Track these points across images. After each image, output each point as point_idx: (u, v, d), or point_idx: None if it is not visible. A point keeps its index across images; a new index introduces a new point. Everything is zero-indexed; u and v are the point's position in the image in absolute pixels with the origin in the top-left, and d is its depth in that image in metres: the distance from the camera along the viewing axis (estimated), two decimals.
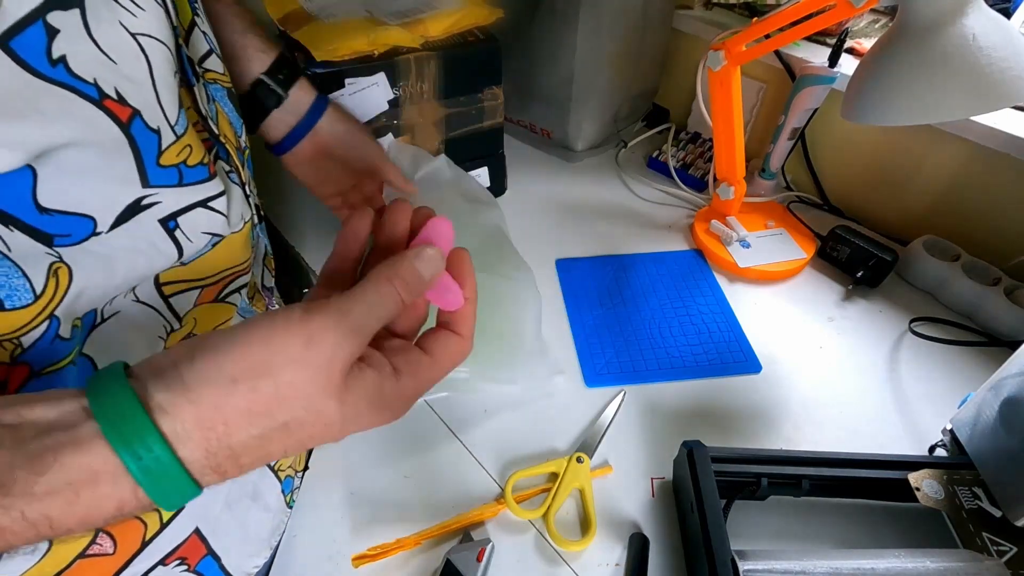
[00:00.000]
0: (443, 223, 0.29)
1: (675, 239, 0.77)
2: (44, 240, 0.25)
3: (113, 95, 0.25)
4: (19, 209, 0.24)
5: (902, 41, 0.43)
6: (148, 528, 0.33)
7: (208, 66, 0.38)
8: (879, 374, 0.60)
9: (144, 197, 0.29)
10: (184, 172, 0.31)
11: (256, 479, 0.41)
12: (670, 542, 0.47)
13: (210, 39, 0.37)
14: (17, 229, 0.24)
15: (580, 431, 0.55)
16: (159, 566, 0.34)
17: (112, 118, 0.25)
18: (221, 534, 0.38)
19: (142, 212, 0.29)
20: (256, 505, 0.41)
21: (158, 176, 0.29)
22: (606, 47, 0.79)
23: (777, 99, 0.81)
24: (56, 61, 0.23)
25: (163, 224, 0.30)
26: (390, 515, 0.49)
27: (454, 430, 0.55)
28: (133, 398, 0.20)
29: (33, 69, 0.22)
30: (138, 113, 0.27)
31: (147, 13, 0.27)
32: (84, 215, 0.26)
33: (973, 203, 0.69)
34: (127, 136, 0.26)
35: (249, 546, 0.41)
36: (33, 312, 0.26)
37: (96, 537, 0.30)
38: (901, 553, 0.40)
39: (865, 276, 0.68)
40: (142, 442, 0.20)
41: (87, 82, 0.24)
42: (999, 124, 0.62)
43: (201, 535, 0.36)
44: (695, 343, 0.63)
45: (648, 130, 0.96)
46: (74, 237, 0.26)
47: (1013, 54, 0.39)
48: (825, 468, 0.46)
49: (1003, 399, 0.44)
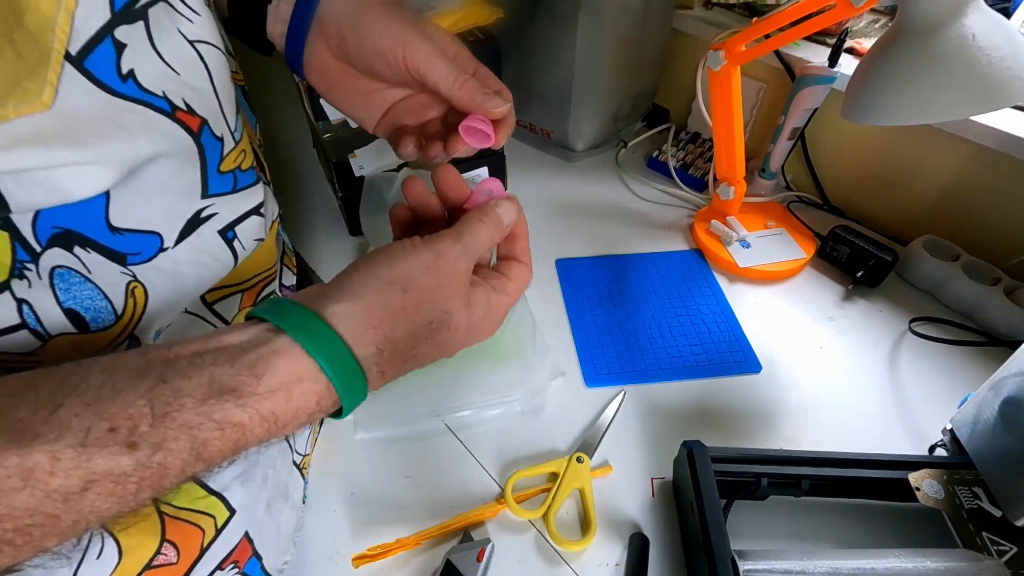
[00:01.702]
0: (494, 182, 0.34)
1: (675, 239, 0.77)
2: (118, 260, 0.26)
3: (183, 106, 0.25)
4: (93, 230, 0.24)
5: (902, 41, 0.43)
6: (206, 535, 0.34)
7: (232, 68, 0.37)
8: (879, 374, 0.60)
9: (203, 209, 0.29)
10: (238, 177, 0.31)
11: (287, 478, 0.42)
12: (670, 542, 0.47)
13: (223, 36, 0.37)
14: (94, 250, 0.25)
15: (580, 431, 0.55)
16: (217, 571, 0.35)
17: (186, 129, 0.26)
18: (263, 535, 0.39)
19: (202, 224, 0.29)
20: (287, 504, 0.42)
21: (217, 183, 0.29)
22: (606, 47, 0.79)
23: (777, 99, 0.81)
24: (126, 76, 0.23)
25: (222, 235, 0.31)
26: (390, 515, 0.49)
27: (454, 430, 0.55)
28: (311, 314, 0.24)
29: (106, 87, 0.22)
30: (206, 122, 0.27)
31: (201, 18, 0.27)
32: (151, 232, 0.27)
33: (973, 203, 0.69)
34: (198, 146, 0.27)
35: (281, 544, 0.42)
36: (115, 332, 0.27)
37: (161, 547, 0.31)
38: (901, 553, 0.40)
39: (865, 276, 0.68)
40: (329, 346, 0.24)
41: (157, 95, 0.24)
42: (999, 124, 0.62)
43: (249, 538, 0.37)
44: (695, 343, 0.63)
45: (648, 130, 0.96)
46: (144, 255, 0.27)
47: (1013, 54, 0.39)
48: (825, 468, 0.46)
49: (1003, 399, 0.44)
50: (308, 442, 0.45)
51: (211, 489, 0.33)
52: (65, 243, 0.24)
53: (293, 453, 0.43)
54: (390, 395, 0.54)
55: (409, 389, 0.55)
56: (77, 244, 0.24)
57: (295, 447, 0.43)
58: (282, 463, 0.41)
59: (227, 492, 0.34)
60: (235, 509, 0.35)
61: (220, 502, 0.34)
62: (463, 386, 0.56)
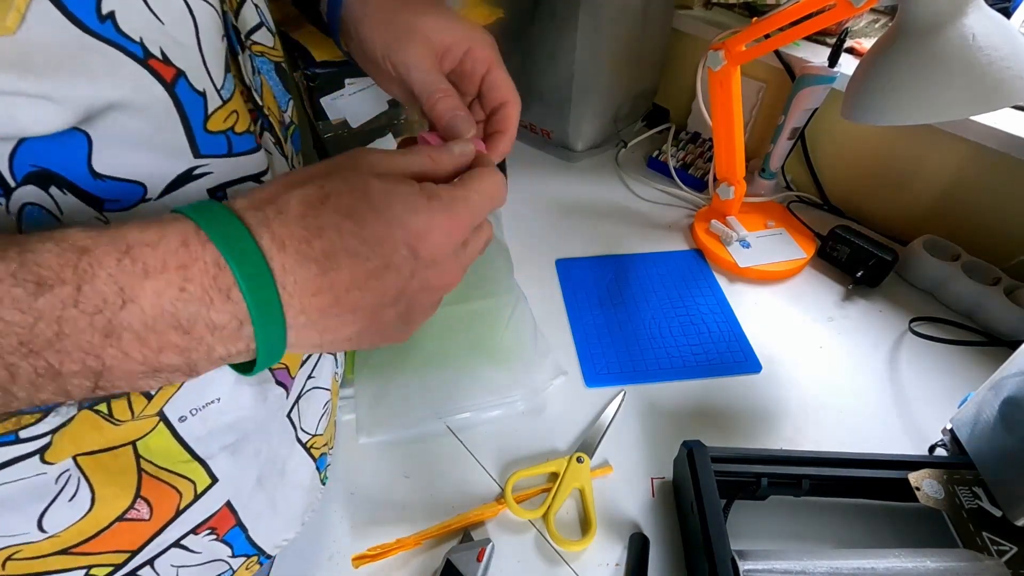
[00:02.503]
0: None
1: (675, 239, 0.77)
2: (95, 205, 0.25)
3: (158, 55, 0.25)
4: (74, 173, 0.24)
5: (902, 41, 0.43)
6: (183, 498, 0.34)
7: (257, 39, 0.36)
8: (879, 374, 0.60)
9: (195, 168, 0.28)
10: (233, 140, 0.30)
11: (286, 455, 0.42)
12: (670, 542, 0.47)
13: (263, 13, 0.36)
14: (70, 192, 0.24)
15: (580, 431, 0.55)
16: (190, 534, 0.35)
17: (156, 77, 0.25)
18: (251, 508, 0.38)
19: (192, 182, 0.28)
20: (285, 481, 0.42)
21: (207, 144, 0.29)
22: (606, 47, 0.79)
23: (777, 99, 0.81)
24: (105, 17, 0.22)
25: (211, 194, 0.30)
26: (390, 515, 0.49)
27: (454, 430, 0.55)
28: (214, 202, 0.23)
29: (82, 24, 0.22)
30: (183, 74, 0.26)
31: None
32: (136, 182, 0.26)
33: (973, 203, 0.69)
34: (172, 97, 0.26)
35: (279, 521, 0.42)
36: None
37: (134, 503, 0.31)
38: (901, 553, 0.40)
39: (865, 276, 0.68)
40: (207, 206, 0.22)
41: (133, 40, 0.23)
42: (999, 124, 0.62)
43: (232, 507, 0.37)
44: (695, 343, 0.63)
45: (648, 130, 0.96)
46: (123, 203, 0.26)
47: (1013, 54, 0.39)
48: (825, 468, 0.46)
49: (1003, 399, 0.44)
50: (319, 422, 0.45)
51: (195, 454, 0.33)
52: (41, 182, 0.23)
53: (298, 431, 0.43)
54: (392, 400, 0.55)
55: (411, 392, 0.56)
56: (54, 184, 0.23)
57: (300, 425, 0.43)
58: (280, 439, 0.41)
59: (212, 460, 0.34)
60: (218, 478, 0.35)
61: (202, 468, 0.34)
62: (465, 388, 0.56)
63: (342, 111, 0.62)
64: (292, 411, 0.42)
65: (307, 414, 0.44)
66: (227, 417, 0.34)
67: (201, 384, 0.31)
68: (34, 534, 0.29)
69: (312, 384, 0.44)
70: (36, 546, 0.29)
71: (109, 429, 0.29)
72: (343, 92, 0.60)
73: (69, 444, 0.28)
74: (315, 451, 0.45)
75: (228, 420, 0.34)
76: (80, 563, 0.31)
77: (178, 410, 0.31)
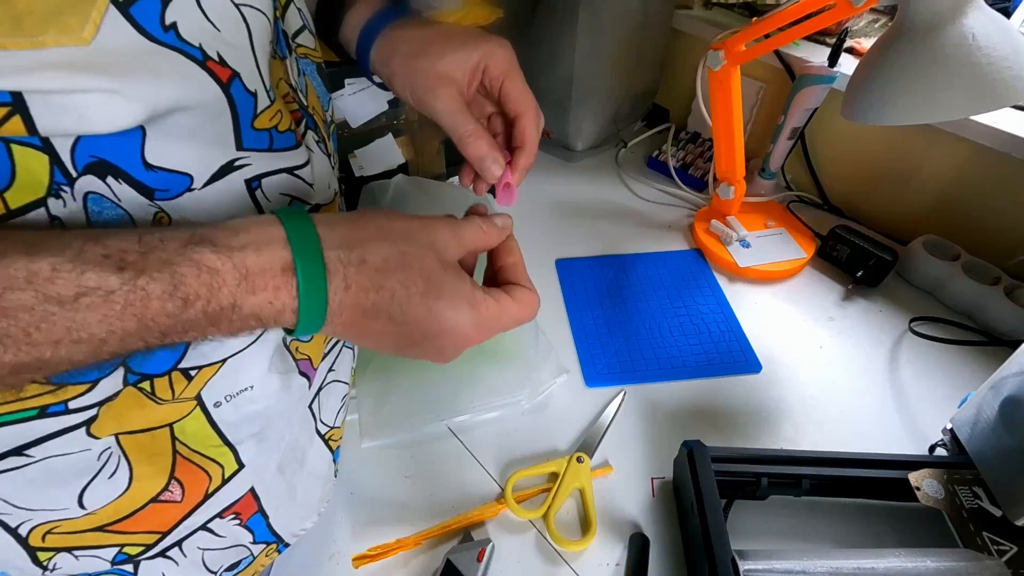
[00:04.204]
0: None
1: (675, 239, 0.77)
2: (146, 194, 0.27)
3: (215, 58, 0.27)
4: (129, 164, 0.26)
5: (902, 41, 0.43)
6: (212, 482, 0.35)
7: (300, 41, 0.39)
8: (879, 374, 0.60)
9: (237, 159, 0.30)
10: (275, 137, 0.32)
11: (305, 445, 0.43)
12: (670, 542, 0.47)
13: (304, 15, 0.39)
14: (125, 182, 0.26)
15: (580, 431, 0.55)
16: (216, 518, 0.37)
17: (214, 78, 0.27)
18: (272, 495, 0.40)
19: (233, 172, 0.31)
20: (304, 471, 0.43)
21: (251, 139, 0.31)
22: (606, 47, 0.79)
23: (777, 99, 0.81)
24: (168, 27, 0.24)
25: (247, 184, 0.32)
26: (390, 515, 0.49)
27: (454, 430, 0.55)
28: (301, 210, 0.28)
29: (148, 34, 0.24)
30: (237, 75, 0.28)
31: None
32: (184, 172, 0.28)
33: (973, 203, 0.69)
34: (227, 96, 0.28)
35: (297, 509, 0.43)
36: None
37: (169, 484, 0.33)
38: (901, 553, 0.40)
39: (865, 276, 0.68)
40: (301, 224, 0.27)
41: (193, 46, 0.26)
42: (999, 124, 0.62)
43: (255, 494, 0.38)
44: (695, 343, 0.63)
45: (648, 130, 0.96)
46: (172, 192, 0.28)
47: (1013, 54, 0.39)
48: (825, 468, 0.46)
49: (1003, 398, 0.44)
50: (337, 415, 0.47)
51: (226, 439, 0.35)
52: (99, 172, 0.25)
53: (317, 422, 0.44)
54: (395, 404, 0.55)
55: (414, 395, 0.56)
56: (110, 175, 0.26)
57: (320, 416, 0.44)
58: (301, 429, 0.42)
59: (240, 446, 0.36)
60: (244, 464, 0.36)
61: (231, 453, 0.35)
62: (468, 389, 0.56)
63: (342, 111, 0.62)
64: (313, 402, 0.43)
65: (326, 406, 0.45)
66: (257, 405, 0.36)
67: (236, 371, 0.34)
68: (74, 510, 0.30)
69: (332, 377, 0.45)
70: (75, 522, 0.31)
71: (151, 407, 0.31)
72: (343, 92, 0.60)
73: (113, 421, 0.30)
74: (332, 443, 0.46)
75: (258, 407, 0.36)
76: (115, 541, 0.33)
77: (214, 395, 0.33)
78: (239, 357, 0.33)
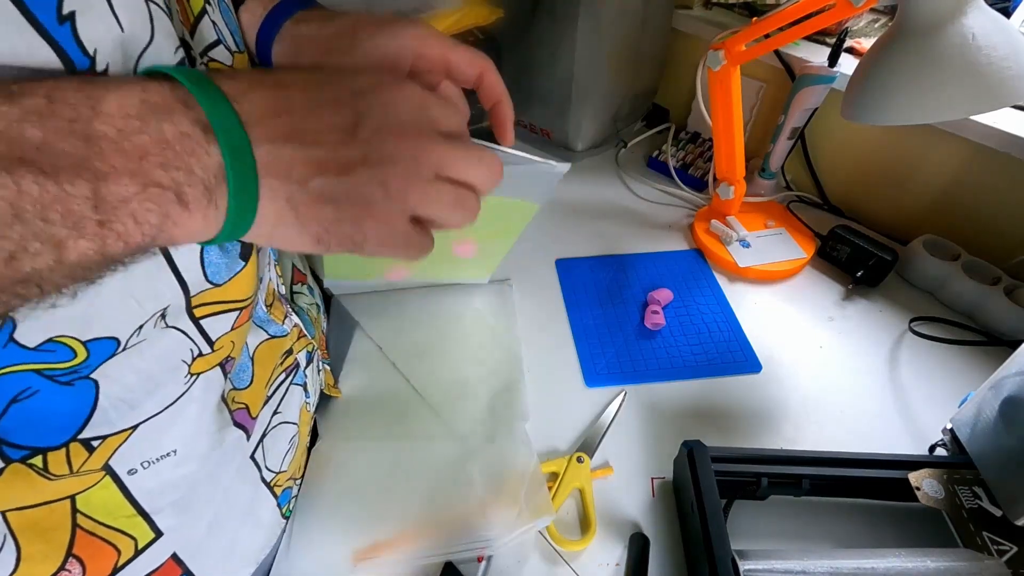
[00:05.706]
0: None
1: (675, 239, 0.77)
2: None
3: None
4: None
5: (902, 41, 0.43)
6: (121, 556, 0.31)
7: (214, 56, 0.33)
8: (879, 374, 0.60)
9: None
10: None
11: (248, 497, 0.40)
12: (670, 542, 0.47)
13: (219, 30, 0.34)
14: None
15: (580, 431, 0.55)
16: None
17: None
18: (201, 557, 0.37)
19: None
20: (244, 523, 0.40)
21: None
22: (606, 47, 0.79)
23: (777, 99, 0.81)
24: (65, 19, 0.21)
25: None
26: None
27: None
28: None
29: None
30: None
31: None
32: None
33: (973, 203, 0.69)
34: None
35: (233, 563, 0.40)
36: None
37: (65, 563, 0.29)
38: (901, 553, 0.40)
39: (865, 276, 0.68)
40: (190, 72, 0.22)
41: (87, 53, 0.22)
42: (999, 124, 0.62)
43: (178, 559, 0.35)
44: (695, 343, 0.63)
45: (648, 130, 0.96)
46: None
47: (1013, 54, 0.39)
48: (825, 468, 0.46)
49: (1003, 398, 0.44)
50: (285, 458, 0.44)
51: (141, 508, 0.31)
52: None
53: (262, 470, 0.41)
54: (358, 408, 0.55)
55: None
56: None
57: (265, 463, 0.41)
58: (242, 482, 0.39)
59: (158, 515, 0.32)
60: (162, 532, 0.33)
61: (146, 523, 0.32)
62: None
63: None
64: (256, 451, 0.40)
65: (272, 451, 0.42)
66: (183, 468, 0.33)
67: (154, 436, 0.30)
68: None
69: (279, 420, 0.43)
70: None
71: (43, 484, 0.27)
72: None
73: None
74: (278, 488, 0.44)
75: (184, 471, 0.33)
76: None
77: (127, 463, 0.30)
78: (155, 421, 0.30)
